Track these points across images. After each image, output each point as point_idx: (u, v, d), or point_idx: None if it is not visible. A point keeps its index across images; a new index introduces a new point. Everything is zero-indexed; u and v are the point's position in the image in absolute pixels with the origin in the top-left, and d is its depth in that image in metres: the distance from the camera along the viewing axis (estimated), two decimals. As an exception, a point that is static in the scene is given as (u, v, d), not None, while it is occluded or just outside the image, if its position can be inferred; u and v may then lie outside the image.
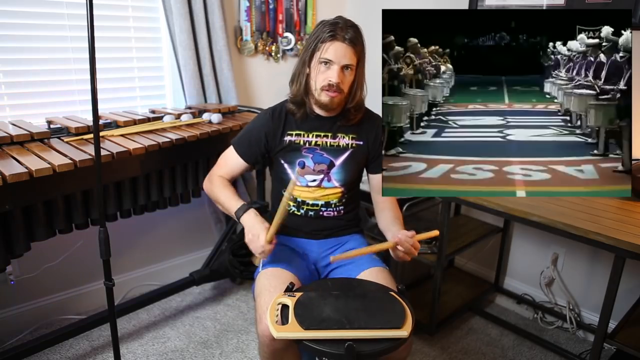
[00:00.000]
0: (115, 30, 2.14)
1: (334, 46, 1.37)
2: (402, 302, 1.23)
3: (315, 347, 1.10)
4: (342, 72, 1.40)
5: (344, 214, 1.59)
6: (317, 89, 1.43)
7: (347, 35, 1.37)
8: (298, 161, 1.52)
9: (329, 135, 1.52)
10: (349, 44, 1.38)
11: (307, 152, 1.52)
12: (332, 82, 1.39)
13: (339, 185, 1.54)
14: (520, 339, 2.15)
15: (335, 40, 1.37)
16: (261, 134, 1.53)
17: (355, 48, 1.39)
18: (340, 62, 1.38)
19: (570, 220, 1.55)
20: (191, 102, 2.27)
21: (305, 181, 1.53)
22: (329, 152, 1.52)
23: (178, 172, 1.85)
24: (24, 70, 1.94)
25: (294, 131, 1.52)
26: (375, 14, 2.82)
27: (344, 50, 1.38)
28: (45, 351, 1.93)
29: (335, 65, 1.38)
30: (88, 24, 1.22)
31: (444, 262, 2.01)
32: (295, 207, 1.56)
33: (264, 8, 2.51)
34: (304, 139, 1.52)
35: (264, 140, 1.53)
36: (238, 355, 2.00)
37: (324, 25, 1.41)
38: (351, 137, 1.54)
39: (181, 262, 2.55)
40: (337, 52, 1.37)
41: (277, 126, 1.52)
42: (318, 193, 1.54)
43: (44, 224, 1.47)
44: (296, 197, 1.55)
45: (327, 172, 1.53)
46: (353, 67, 1.41)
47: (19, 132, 1.60)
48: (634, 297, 1.93)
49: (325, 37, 1.38)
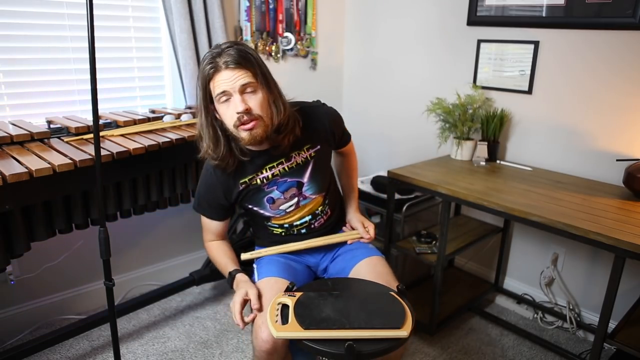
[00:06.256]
0: (115, 30, 2.14)
1: (220, 77, 1.23)
2: (402, 302, 1.23)
3: (315, 347, 1.10)
4: (244, 98, 1.25)
5: (331, 213, 1.56)
6: (232, 129, 1.28)
7: (228, 58, 1.22)
8: (265, 199, 1.43)
9: (283, 160, 1.40)
10: (235, 67, 1.22)
11: (270, 187, 1.41)
12: (239, 111, 1.24)
13: (316, 195, 1.48)
14: (520, 339, 2.15)
15: (217, 71, 1.23)
16: (217, 192, 1.42)
17: (244, 67, 1.23)
18: (235, 87, 1.23)
19: (570, 220, 1.55)
20: (191, 102, 2.27)
21: (282, 211, 1.46)
22: (292, 175, 1.42)
23: (178, 172, 1.85)
24: (24, 70, 1.94)
25: (246, 177, 1.40)
26: (376, 12, 2.83)
27: (231, 74, 1.22)
28: (45, 351, 1.93)
29: (233, 95, 1.24)
30: (88, 24, 1.22)
31: (444, 262, 2.01)
32: (285, 231, 1.51)
33: (264, 8, 2.51)
34: (259, 178, 1.40)
35: (222, 197, 1.42)
36: (238, 355, 2.00)
37: (203, 62, 1.26)
38: (307, 149, 1.42)
39: (181, 262, 2.55)
40: (227, 81, 1.23)
41: (227, 181, 1.40)
42: (300, 212, 1.48)
43: (44, 224, 1.46)
44: (281, 224, 1.50)
45: (300, 192, 1.44)
46: (253, 84, 1.25)
47: (19, 132, 1.60)
48: (634, 297, 1.93)
49: (209, 73, 1.24)
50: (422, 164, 2.23)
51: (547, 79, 2.12)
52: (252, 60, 1.26)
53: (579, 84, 2.02)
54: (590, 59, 1.97)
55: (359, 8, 2.84)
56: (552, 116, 2.13)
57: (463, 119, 2.23)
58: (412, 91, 2.67)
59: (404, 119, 2.75)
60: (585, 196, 1.79)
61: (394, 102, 2.80)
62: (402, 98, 2.74)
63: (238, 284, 1.36)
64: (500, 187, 1.89)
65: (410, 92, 2.69)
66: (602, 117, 1.98)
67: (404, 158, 2.74)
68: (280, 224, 1.50)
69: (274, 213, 1.46)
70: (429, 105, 2.34)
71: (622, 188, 1.86)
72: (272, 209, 1.45)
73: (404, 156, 2.77)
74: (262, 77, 1.28)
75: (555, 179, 2.01)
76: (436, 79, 2.54)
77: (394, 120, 2.81)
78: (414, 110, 2.65)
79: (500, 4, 2.20)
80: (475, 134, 2.33)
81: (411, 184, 2.02)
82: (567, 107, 2.07)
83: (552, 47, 2.08)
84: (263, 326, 1.24)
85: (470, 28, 2.34)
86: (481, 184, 1.93)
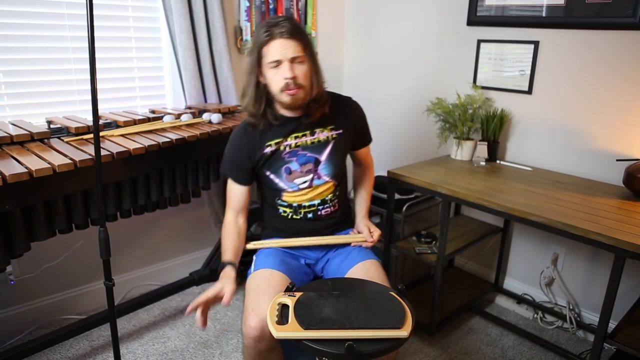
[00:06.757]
0: (115, 30, 2.14)
1: (275, 44, 1.36)
2: (402, 302, 1.23)
3: (315, 347, 1.09)
4: (293, 67, 1.38)
5: (339, 207, 1.60)
6: (276, 92, 1.42)
7: (283, 29, 1.35)
8: (283, 168, 1.50)
9: (307, 133, 1.51)
10: (289, 37, 1.36)
11: (290, 157, 1.50)
12: (287, 79, 1.37)
13: (329, 179, 1.54)
14: (520, 339, 2.15)
15: (273, 39, 1.36)
16: (242, 152, 1.51)
17: (296, 38, 1.37)
18: (287, 56, 1.36)
19: (570, 220, 1.55)
20: (191, 102, 2.27)
21: (295, 185, 1.52)
22: (312, 150, 1.51)
23: (178, 172, 1.85)
24: (24, 70, 1.94)
25: (272, 140, 1.49)
26: (376, 12, 2.83)
27: (286, 44, 1.36)
28: (45, 351, 1.93)
29: (283, 62, 1.37)
30: (88, 24, 1.22)
31: (444, 262, 2.01)
32: (292, 213, 1.56)
33: (264, 8, 2.51)
34: (283, 144, 1.49)
35: (247, 158, 1.51)
36: (238, 355, 2.00)
37: (258, 30, 1.41)
38: (330, 129, 1.53)
39: (181, 262, 2.55)
40: (279, 49, 1.36)
41: (254, 139, 1.50)
42: (312, 193, 1.53)
43: (44, 224, 1.46)
44: (291, 203, 1.54)
45: (315, 169, 1.52)
46: (302, 57, 1.39)
47: (19, 132, 1.60)
48: (634, 297, 1.93)
49: (264, 40, 1.37)
50: (422, 164, 2.23)
51: (547, 79, 2.12)
52: (304, 34, 1.41)
53: (579, 84, 2.02)
54: (591, 59, 1.97)
55: (358, 8, 2.83)
56: (552, 116, 2.13)
57: (463, 119, 2.23)
58: (412, 91, 2.67)
59: (404, 118, 2.75)
60: (585, 196, 1.79)
61: (393, 102, 2.80)
62: (402, 98, 2.74)
63: (222, 276, 1.40)
64: (500, 187, 1.89)
65: (410, 92, 2.69)
66: (602, 117, 1.98)
67: (404, 158, 2.74)
68: (289, 203, 1.54)
69: (288, 186, 1.52)
70: (429, 105, 2.34)
71: (622, 188, 1.86)
72: (287, 180, 1.51)
73: (403, 156, 2.77)
74: (309, 51, 1.42)
75: (555, 179, 2.01)
76: (436, 79, 2.54)
77: (394, 120, 2.81)
78: (413, 110, 2.65)
79: (500, 4, 2.20)
80: (475, 134, 2.33)
81: (411, 184, 2.02)
82: (567, 107, 2.07)
83: (552, 47, 2.08)
84: (252, 314, 1.29)
85: (470, 28, 2.34)
86: (481, 184, 1.93)
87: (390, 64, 2.77)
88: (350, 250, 1.55)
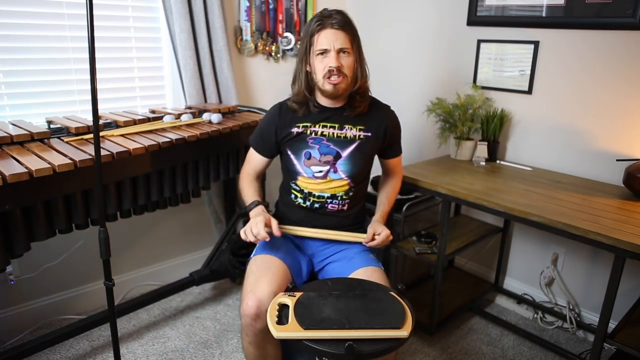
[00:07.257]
0: (115, 30, 2.14)
1: (325, 34, 1.43)
2: (402, 302, 1.23)
3: (316, 347, 1.10)
4: (339, 57, 1.44)
5: (348, 209, 1.60)
6: (319, 79, 1.47)
7: (334, 21, 1.43)
8: (304, 152, 1.55)
9: (336, 126, 1.55)
10: (339, 28, 1.43)
11: (314, 143, 1.55)
12: (331, 67, 1.43)
13: (345, 177, 1.56)
14: (520, 339, 2.15)
15: (324, 28, 1.43)
16: (271, 127, 1.59)
17: (346, 31, 1.44)
18: (334, 46, 1.43)
19: (570, 220, 1.55)
20: (191, 102, 2.27)
21: (311, 172, 1.55)
22: (336, 144, 1.55)
23: (178, 172, 1.85)
24: (24, 70, 1.93)
25: (302, 123, 1.56)
26: (376, 13, 2.83)
27: (335, 35, 1.43)
28: (45, 351, 1.93)
29: (330, 51, 1.43)
30: (88, 24, 1.22)
31: (444, 262, 2.01)
32: (301, 199, 1.59)
33: (264, 8, 2.51)
34: (310, 129, 1.55)
35: (274, 133, 1.58)
36: (238, 355, 2.00)
37: (311, 19, 1.48)
38: (359, 129, 1.57)
39: (181, 262, 2.56)
40: (328, 38, 1.43)
41: (285, 119, 1.57)
42: (325, 185, 1.56)
43: (44, 224, 1.46)
44: (303, 188, 1.57)
45: (333, 163, 1.55)
46: (349, 50, 1.45)
47: (19, 132, 1.60)
48: (634, 297, 1.93)
49: (315, 29, 1.44)
50: (422, 164, 2.23)
51: (547, 79, 2.12)
52: (353, 27, 1.48)
53: (579, 83, 2.02)
54: (591, 59, 1.97)
55: (359, 8, 2.83)
56: (552, 116, 2.13)
57: (463, 119, 2.23)
58: (412, 91, 2.67)
59: (404, 118, 2.74)
60: (585, 196, 1.79)
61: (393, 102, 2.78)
62: (402, 98, 2.74)
63: (258, 213, 1.47)
64: (500, 187, 1.89)
65: (410, 92, 2.69)
66: (602, 117, 1.98)
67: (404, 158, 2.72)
68: (301, 188, 1.58)
69: (304, 170, 1.57)
70: (429, 105, 2.34)
71: (622, 188, 1.86)
72: (305, 165, 1.56)
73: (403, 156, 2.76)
74: (357, 45, 1.49)
75: (555, 179, 2.01)
76: (436, 79, 2.54)
77: (394, 120, 2.81)
78: (414, 110, 2.65)
79: (500, 4, 2.20)
80: (475, 134, 2.33)
81: (411, 184, 2.02)
82: (567, 107, 2.07)
83: (552, 47, 2.08)
84: (250, 293, 1.33)
85: (470, 28, 2.34)
86: (481, 184, 1.93)
87: (390, 64, 2.76)
88: (352, 256, 1.54)
